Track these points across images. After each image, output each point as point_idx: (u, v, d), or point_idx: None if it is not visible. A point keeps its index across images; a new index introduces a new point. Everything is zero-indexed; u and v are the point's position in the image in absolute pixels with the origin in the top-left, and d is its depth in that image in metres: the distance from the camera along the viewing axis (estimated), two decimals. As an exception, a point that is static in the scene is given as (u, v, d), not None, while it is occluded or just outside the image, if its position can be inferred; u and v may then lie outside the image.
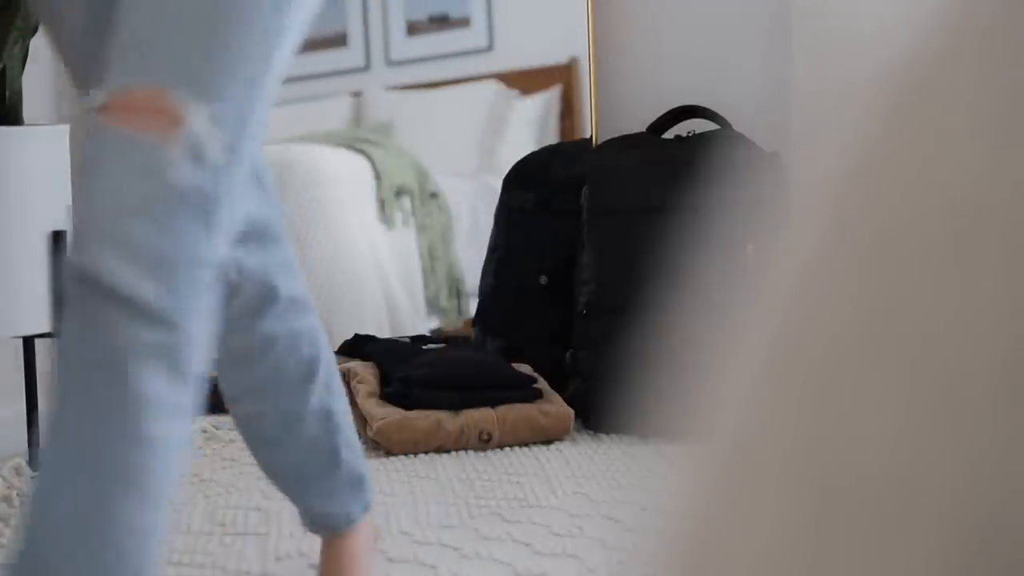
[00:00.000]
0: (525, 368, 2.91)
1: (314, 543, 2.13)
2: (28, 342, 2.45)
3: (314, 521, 1.85)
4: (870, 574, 0.39)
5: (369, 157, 3.30)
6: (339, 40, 3.41)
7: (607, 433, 2.79)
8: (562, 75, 3.35)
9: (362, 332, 3.11)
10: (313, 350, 1.73)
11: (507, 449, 2.69)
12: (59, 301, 1.30)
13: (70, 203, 2.26)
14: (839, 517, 0.40)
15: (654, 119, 3.11)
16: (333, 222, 3.21)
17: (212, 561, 2.06)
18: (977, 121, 0.40)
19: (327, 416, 1.75)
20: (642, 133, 3.10)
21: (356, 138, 3.36)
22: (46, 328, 2.22)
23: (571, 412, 2.76)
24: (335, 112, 3.44)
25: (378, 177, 3.28)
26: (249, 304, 1.66)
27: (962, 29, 0.41)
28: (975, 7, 0.41)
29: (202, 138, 1.33)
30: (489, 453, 2.67)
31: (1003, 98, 0.39)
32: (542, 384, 2.85)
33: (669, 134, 3.09)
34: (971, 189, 0.39)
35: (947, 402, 0.38)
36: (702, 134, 3.01)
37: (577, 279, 2.97)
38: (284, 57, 1.42)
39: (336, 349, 3.03)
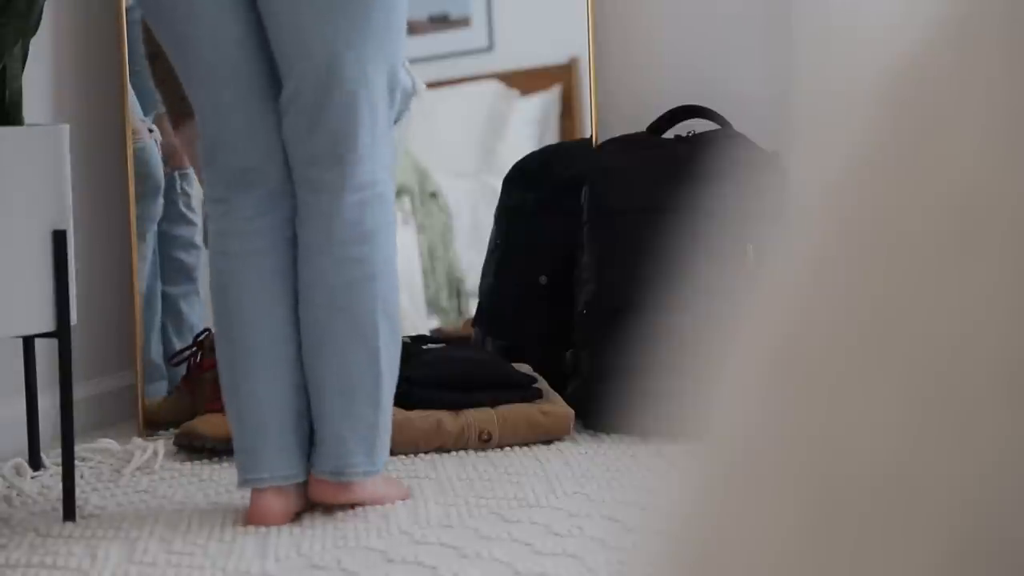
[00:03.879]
0: (525, 368, 2.91)
1: (314, 543, 2.13)
2: (28, 342, 2.44)
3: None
4: (872, 573, 0.39)
5: (369, 157, 3.29)
6: (339, 40, 3.40)
7: (607, 433, 2.79)
8: (562, 75, 3.35)
9: (362, 332, 3.10)
10: None
11: (507, 449, 2.69)
12: (62, 300, 1.32)
13: (70, 203, 2.25)
14: (841, 516, 0.40)
15: (654, 119, 3.11)
16: (333, 222, 3.21)
17: (212, 561, 2.06)
18: (978, 120, 0.40)
19: None
20: (642, 133, 3.09)
21: (356, 138, 3.35)
22: (46, 328, 2.21)
23: (571, 412, 2.76)
24: (335, 112, 3.43)
25: (378, 177, 3.28)
26: None
27: (962, 29, 0.41)
28: (975, 7, 0.41)
29: None
30: (489, 453, 2.66)
31: (1003, 97, 0.39)
32: (542, 384, 2.85)
33: (669, 134, 3.09)
34: (972, 188, 0.39)
35: (950, 401, 0.38)
36: (702, 134, 3.00)
37: (577, 279, 2.97)
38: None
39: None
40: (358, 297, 2.19)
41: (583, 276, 2.93)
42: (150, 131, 2.93)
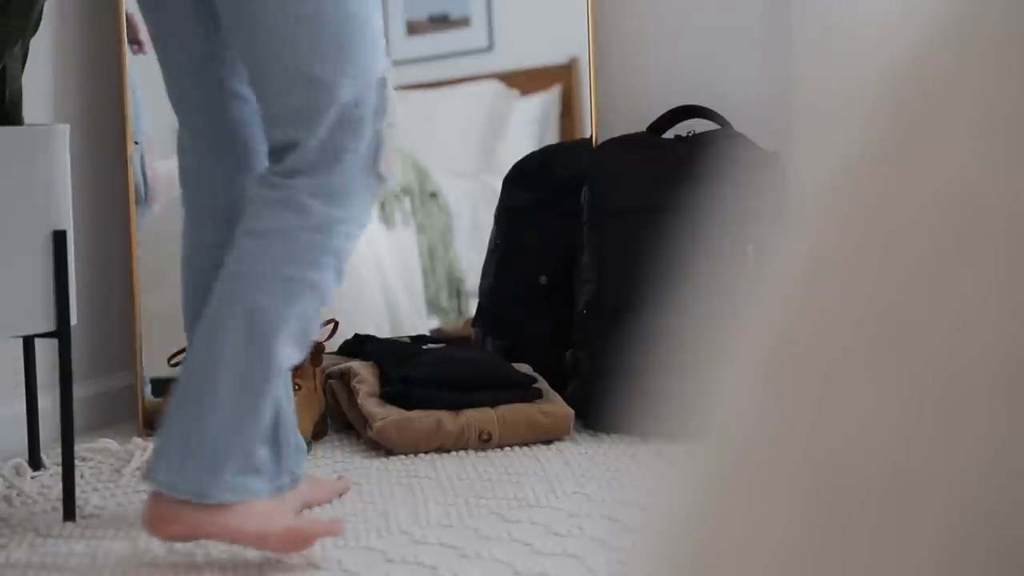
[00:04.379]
0: (525, 368, 2.91)
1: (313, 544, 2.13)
2: (28, 342, 2.45)
3: None
4: (871, 572, 0.39)
5: (369, 157, 3.29)
6: (339, 40, 3.40)
7: (607, 433, 2.79)
8: (562, 75, 3.35)
9: (362, 332, 3.11)
10: None
11: (507, 449, 2.69)
12: (62, 300, 1.33)
13: (70, 203, 2.25)
14: (840, 516, 0.40)
15: (654, 119, 3.11)
16: (333, 222, 3.21)
17: (212, 562, 2.06)
18: (975, 119, 0.40)
19: None
20: (642, 133, 3.10)
21: (356, 138, 3.35)
22: (46, 328, 2.21)
23: (571, 412, 2.76)
24: (335, 112, 3.44)
25: (378, 177, 3.28)
26: None
27: (960, 28, 0.41)
28: (974, 7, 0.41)
29: None
30: (489, 453, 2.67)
31: (1001, 96, 0.39)
32: (542, 384, 2.85)
33: (669, 134, 3.09)
34: (969, 187, 0.39)
35: (947, 400, 0.38)
36: (702, 134, 3.00)
37: (577, 279, 2.97)
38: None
39: (336, 349, 3.03)
40: (226, 289, 2.02)
41: (583, 276, 2.94)
42: (135, 143, 2.92)
